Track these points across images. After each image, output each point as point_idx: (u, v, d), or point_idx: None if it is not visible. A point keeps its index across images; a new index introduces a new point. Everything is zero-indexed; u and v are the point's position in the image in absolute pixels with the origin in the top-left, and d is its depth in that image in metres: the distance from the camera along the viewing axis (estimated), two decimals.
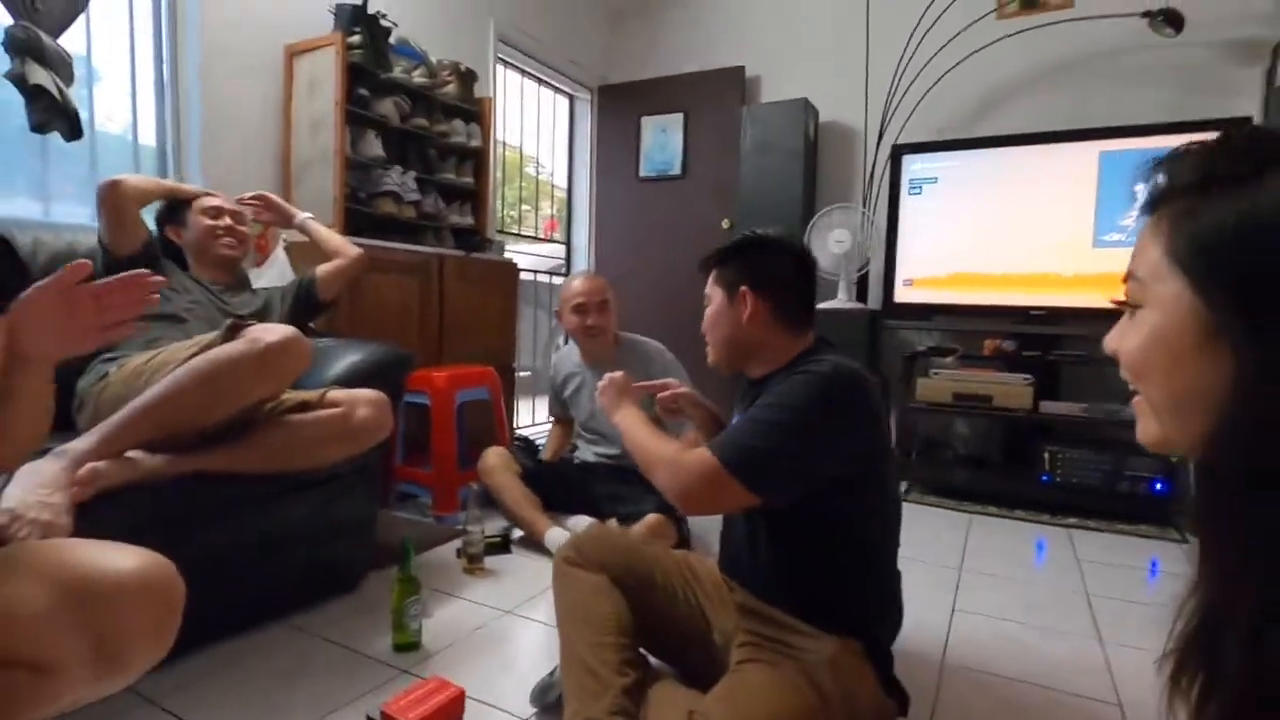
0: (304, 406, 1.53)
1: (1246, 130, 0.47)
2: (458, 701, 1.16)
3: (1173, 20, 2.71)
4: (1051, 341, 2.91)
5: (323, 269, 1.94)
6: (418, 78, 2.59)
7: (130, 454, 1.27)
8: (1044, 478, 2.70)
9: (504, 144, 3.67)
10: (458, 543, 1.98)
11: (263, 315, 1.82)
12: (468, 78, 2.83)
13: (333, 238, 2.01)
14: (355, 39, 2.34)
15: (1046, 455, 2.69)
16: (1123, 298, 0.51)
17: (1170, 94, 2.93)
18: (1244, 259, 0.42)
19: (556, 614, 1.25)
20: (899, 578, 1.21)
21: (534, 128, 4.03)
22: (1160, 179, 0.49)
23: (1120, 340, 0.52)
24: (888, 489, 1.16)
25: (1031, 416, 2.77)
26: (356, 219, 2.39)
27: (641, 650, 1.21)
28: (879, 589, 1.17)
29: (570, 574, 1.27)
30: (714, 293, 1.24)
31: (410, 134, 2.62)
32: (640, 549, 1.36)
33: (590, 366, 2.28)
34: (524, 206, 4.18)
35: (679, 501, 1.12)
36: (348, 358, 1.83)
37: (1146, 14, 2.76)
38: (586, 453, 2.28)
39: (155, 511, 1.28)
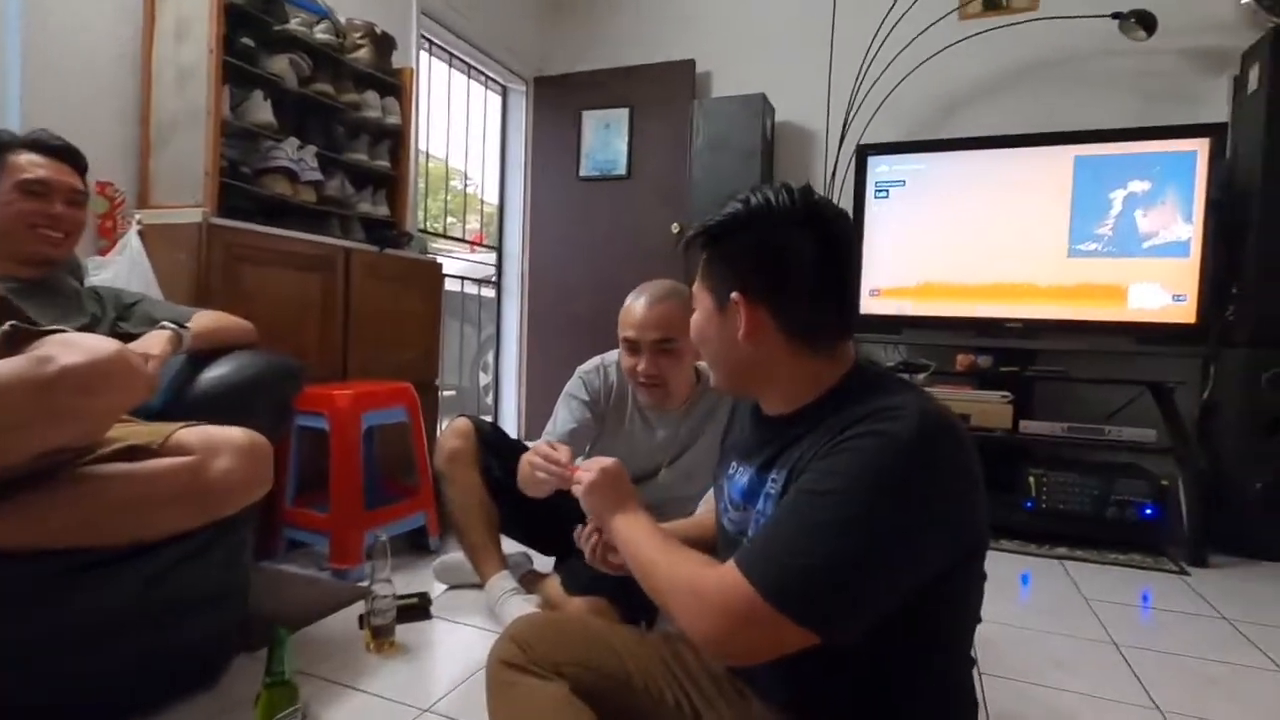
0: (134, 453, 1.07)
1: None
2: None
3: (1144, 22, 2.60)
4: (1028, 356, 2.73)
5: (201, 325, 1.42)
6: (320, 34, 2.15)
7: None
8: (1027, 504, 2.48)
9: (428, 155, 3.24)
10: (361, 606, 1.53)
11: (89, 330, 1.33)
12: (384, 43, 2.41)
13: (220, 329, 1.48)
14: None
15: (1031, 479, 2.47)
16: None
17: (1138, 101, 2.83)
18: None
19: None
20: (973, 665, 0.88)
21: (462, 131, 3.60)
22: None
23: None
24: (980, 568, 0.82)
25: (1012, 437, 2.56)
26: (238, 198, 1.92)
27: None
28: (954, 696, 0.83)
29: (515, 683, 0.87)
30: (699, 293, 0.87)
31: (311, 102, 2.17)
32: (607, 638, 0.97)
33: (653, 410, 1.62)
34: (450, 219, 3.76)
35: (708, 650, 0.76)
36: (212, 371, 1.38)
37: (1116, 15, 2.65)
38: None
39: None
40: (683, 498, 1.66)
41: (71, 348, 0.88)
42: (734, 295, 0.80)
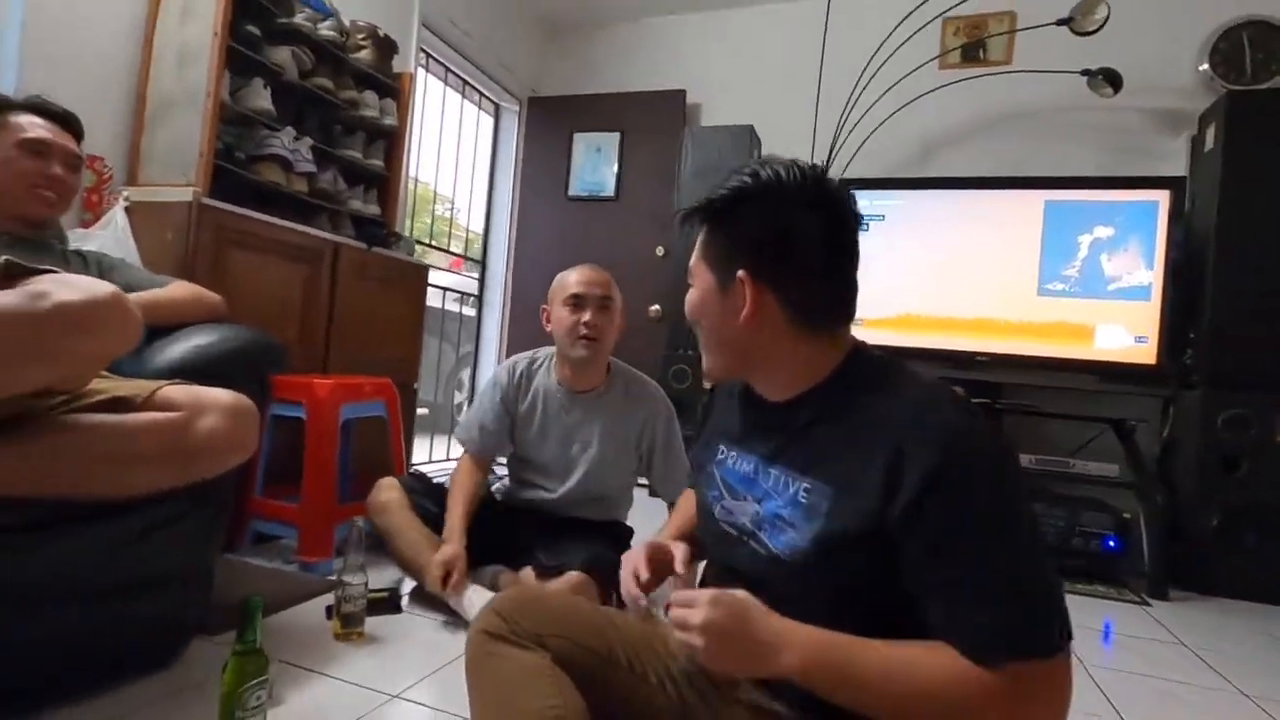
0: (118, 405, 1.05)
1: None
2: None
3: (1111, 80, 2.77)
4: (997, 389, 2.81)
5: (145, 300, 1.31)
6: (324, 30, 2.17)
7: None
8: None
9: (417, 180, 3.26)
10: (329, 598, 1.49)
11: None
12: (386, 46, 2.44)
13: (173, 303, 1.39)
14: None
15: None
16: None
17: (1105, 155, 2.99)
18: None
19: (475, 713, 0.84)
20: None
21: (450, 156, 3.64)
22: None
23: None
24: None
25: None
26: (229, 182, 1.91)
27: None
28: None
29: (495, 653, 0.86)
30: (698, 269, 0.83)
31: (310, 95, 2.18)
32: (590, 614, 0.96)
33: (568, 392, 1.73)
34: (432, 241, 3.76)
35: None
36: (191, 340, 1.35)
37: (1086, 72, 2.81)
38: (514, 492, 1.83)
39: None
40: (597, 497, 1.74)
41: (68, 285, 0.86)
42: (740, 273, 0.77)
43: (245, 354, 1.39)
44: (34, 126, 1.32)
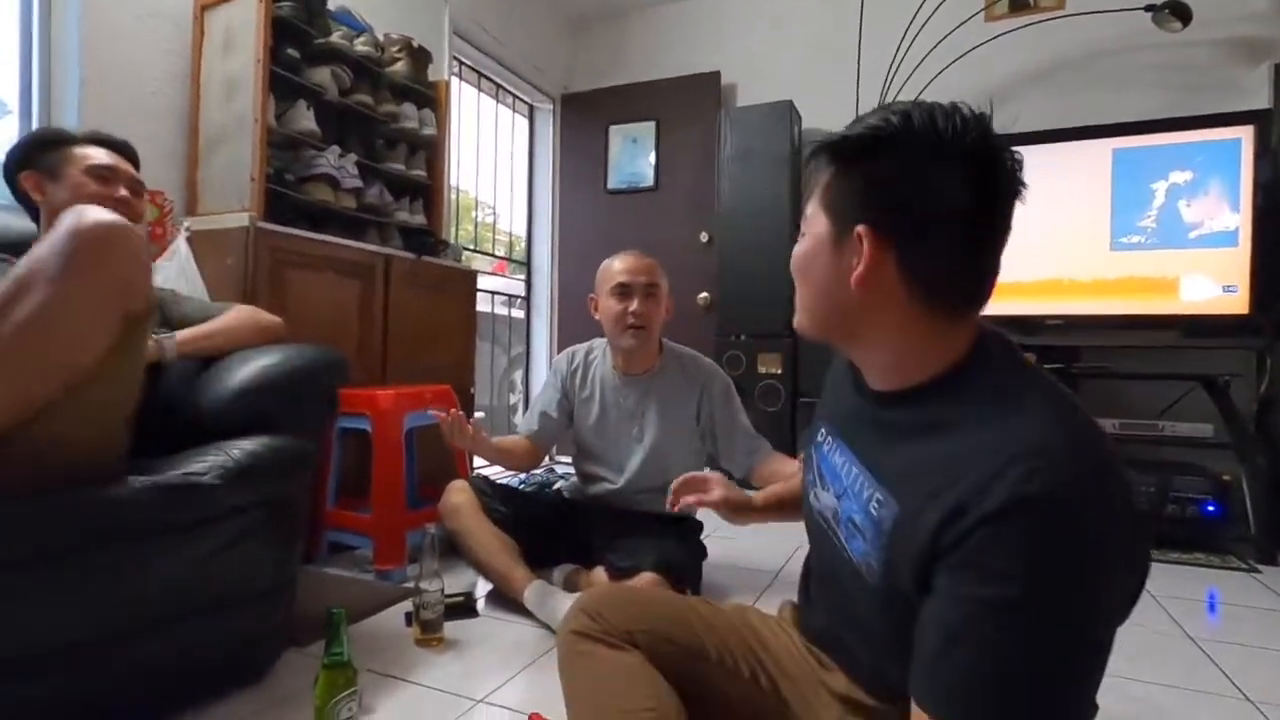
0: None
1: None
2: None
3: (1179, 12, 2.57)
4: (1072, 353, 2.66)
5: (187, 337, 1.38)
6: (360, 46, 2.20)
7: None
8: None
9: (458, 189, 3.29)
10: (408, 605, 1.52)
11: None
12: (420, 56, 2.46)
13: (227, 331, 1.45)
14: None
15: None
16: None
17: (1175, 94, 2.79)
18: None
19: (571, 714, 0.83)
20: None
21: (488, 162, 3.65)
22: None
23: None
24: None
25: None
26: (282, 204, 1.95)
27: None
28: None
29: (588, 653, 0.85)
30: (813, 216, 0.71)
31: (351, 112, 2.21)
32: (680, 608, 0.95)
33: (623, 376, 1.77)
34: (476, 247, 3.79)
35: None
36: (256, 362, 1.37)
37: (1150, 8, 2.63)
38: (580, 488, 1.84)
39: None
40: (662, 485, 1.68)
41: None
42: (859, 227, 0.65)
43: (310, 371, 1.41)
44: (98, 154, 1.37)
